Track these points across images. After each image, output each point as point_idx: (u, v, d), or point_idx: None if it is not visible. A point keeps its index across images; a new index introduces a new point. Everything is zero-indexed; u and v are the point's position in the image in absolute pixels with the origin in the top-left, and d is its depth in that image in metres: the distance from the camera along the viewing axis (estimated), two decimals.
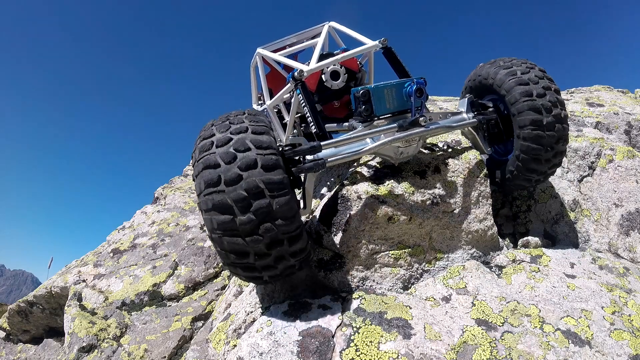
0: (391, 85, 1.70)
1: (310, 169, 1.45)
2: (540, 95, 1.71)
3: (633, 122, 2.68)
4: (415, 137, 1.67)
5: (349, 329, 1.38)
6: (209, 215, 1.23)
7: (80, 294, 2.75)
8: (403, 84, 1.71)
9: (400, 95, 1.71)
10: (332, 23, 2.30)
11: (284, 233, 1.25)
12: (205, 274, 2.82)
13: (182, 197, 4.32)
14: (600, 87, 3.64)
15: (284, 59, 2.12)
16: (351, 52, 1.96)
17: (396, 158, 1.83)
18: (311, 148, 1.47)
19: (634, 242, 1.91)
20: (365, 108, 1.67)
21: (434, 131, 1.75)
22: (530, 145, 1.73)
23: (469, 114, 1.90)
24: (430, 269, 1.74)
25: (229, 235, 1.23)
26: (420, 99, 1.69)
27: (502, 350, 1.32)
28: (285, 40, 2.37)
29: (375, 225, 1.68)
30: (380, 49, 2.00)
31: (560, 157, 1.81)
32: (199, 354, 1.75)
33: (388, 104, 1.70)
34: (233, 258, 1.29)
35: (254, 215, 1.19)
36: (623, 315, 1.48)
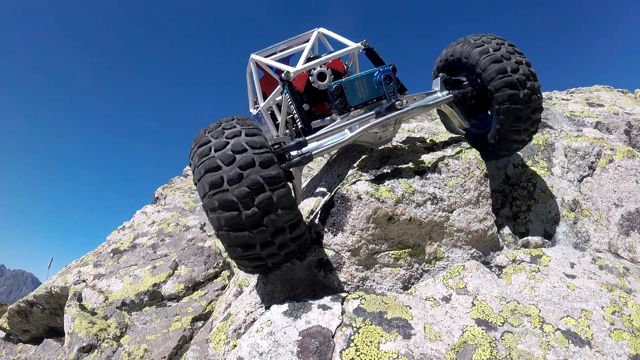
0: (361, 76, 1.80)
1: (297, 163, 1.60)
2: (515, 71, 1.79)
3: (633, 122, 2.68)
4: (391, 120, 1.79)
5: (349, 329, 1.38)
6: (215, 214, 1.31)
7: (80, 294, 2.75)
8: (372, 74, 1.81)
9: (371, 85, 1.82)
10: (321, 29, 2.42)
11: (286, 222, 1.36)
12: (205, 274, 2.82)
13: (182, 197, 4.32)
14: (600, 87, 3.64)
15: (274, 63, 2.23)
16: (335, 54, 2.07)
17: (376, 143, 2.03)
18: (297, 144, 1.62)
19: (634, 242, 1.91)
20: (340, 101, 1.80)
21: (410, 112, 1.85)
22: (510, 119, 1.83)
23: (444, 92, 1.99)
24: (430, 269, 1.74)
25: (236, 230, 1.32)
26: (391, 85, 1.80)
27: (502, 350, 1.32)
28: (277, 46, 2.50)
29: (375, 225, 1.68)
30: (362, 50, 2.10)
31: (537, 124, 1.93)
32: (199, 354, 1.75)
33: (361, 94, 1.81)
34: (240, 252, 1.39)
35: (258, 208, 1.29)
36: (623, 315, 1.48)
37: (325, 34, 2.40)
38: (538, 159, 2.31)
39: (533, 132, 1.96)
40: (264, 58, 2.33)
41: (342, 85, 1.78)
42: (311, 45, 2.24)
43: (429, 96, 1.98)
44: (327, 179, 2.51)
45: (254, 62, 2.43)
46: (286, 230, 1.37)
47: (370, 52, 2.07)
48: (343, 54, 2.07)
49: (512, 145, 1.98)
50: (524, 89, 1.79)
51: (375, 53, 2.07)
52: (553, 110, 2.86)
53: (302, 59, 2.06)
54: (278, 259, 1.47)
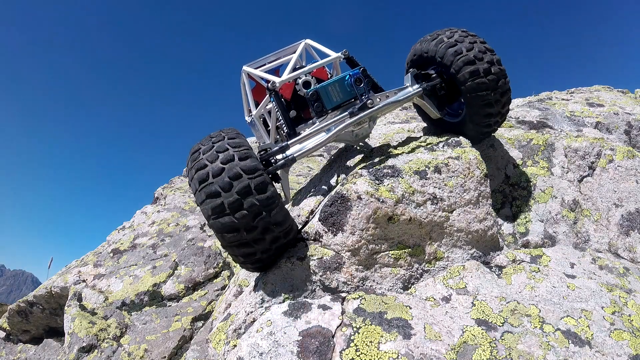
0: (334, 81, 1.97)
1: (282, 166, 1.77)
2: (469, 49, 1.90)
3: (633, 122, 2.68)
4: (365, 118, 1.93)
5: (349, 329, 1.38)
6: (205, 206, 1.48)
7: (80, 294, 2.75)
8: (344, 78, 1.98)
9: (343, 88, 1.98)
10: (308, 40, 2.55)
11: (264, 205, 1.47)
12: (205, 274, 2.82)
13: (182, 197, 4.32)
14: (600, 87, 3.64)
15: (263, 74, 2.38)
16: (318, 63, 2.20)
17: (354, 140, 2.28)
18: (280, 148, 1.79)
19: (634, 242, 1.91)
20: (317, 105, 1.96)
21: (383, 109, 1.98)
22: (477, 93, 1.89)
23: (414, 86, 2.11)
24: (430, 269, 1.74)
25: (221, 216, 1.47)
26: (362, 86, 1.97)
27: (502, 351, 1.32)
28: (267, 57, 2.66)
29: (375, 225, 1.68)
30: (343, 59, 2.23)
31: (507, 94, 1.97)
32: (199, 354, 1.75)
33: (335, 98, 1.97)
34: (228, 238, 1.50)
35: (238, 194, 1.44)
36: (623, 315, 1.48)
37: (311, 45, 2.54)
38: (538, 159, 2.31)
39: (506, 104, 2.01)
40: (254, 70, 2.50)
41: (317, 91, 1.95)
42: (297, 55, 2.40)
43: (400, 92, 2.10)
44: (327, 178, 2.51)
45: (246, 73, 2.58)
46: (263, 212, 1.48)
47: (350, 60, 2.22)
48: (325, 63, 2.22)
49: (490, 120, 2.03)
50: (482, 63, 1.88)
51: (354, 61, 2.21)
52: (553, 110, 2.86)
53: (288, 69, 2.23)
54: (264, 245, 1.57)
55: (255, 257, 1.60)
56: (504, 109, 1.99)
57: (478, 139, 2.18)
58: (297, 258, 1.66)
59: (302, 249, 1.70)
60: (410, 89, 2.10)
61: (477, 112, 1.97)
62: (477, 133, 2.10)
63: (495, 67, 1.89)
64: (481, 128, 2.05)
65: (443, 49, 1.94)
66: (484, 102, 1.91)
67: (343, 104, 1.98)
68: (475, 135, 2.12)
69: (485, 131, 2.09)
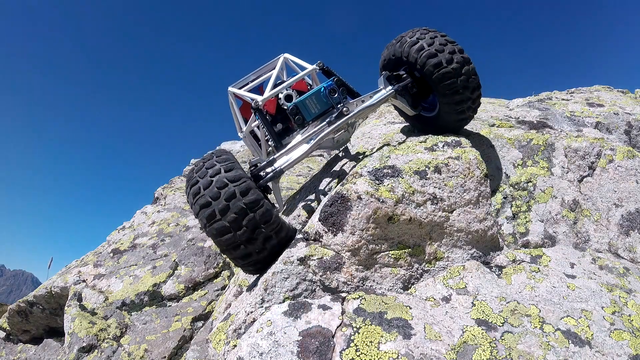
0: (310, 94, 2.09)
1: (271, 178, 1.92)
2: (430, 44, 1.99)
3: (633, 122, 2.68)
4: (343, 125, 2.05)
5: (349, 329, 1.38)
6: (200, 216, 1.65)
7: (80, 294, 2.75)
8: (320, 90, 2.10)
9: (320, 99, 2.09)
10: (286, 55, 2.67)
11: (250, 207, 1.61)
12: (205, 274, 2.82)
13: (182, 197, 4.32)
14: (600, 87, 3.64)
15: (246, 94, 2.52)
16: (296, 77, 2.33)
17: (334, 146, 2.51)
18: (268, 162, 1.95)
19: (634, 242, 1.91)
20: (298, 118, 2.09)
21: (358, 114, 2.10)
22: (445, 83, 1.97)
23: (387, 88, 2.19)
24: (430, 269, 1.74)
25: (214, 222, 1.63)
26: (336, 96, 2.09)
27: (502, 351, 1.32)
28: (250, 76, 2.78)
29: (375, 225, 1.68)
30: (319, 70, 2.35)
31: (475, 78, 2.04)
32: (199, 354, 1.75)
33: (313, 110, 2.10)
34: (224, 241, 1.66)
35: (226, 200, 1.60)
36: (623, 315, 1.48)
37: (289, 58, 2.65)
38: (538, 159, 2.31)
39: (476, 88, 2.08)
40: (239, 90, 2.63)
41: (297, 105, 2.08)
42: (277, 71, 2.51)
43: (375, 95, 2.19)
44: (327, 178, 2.51)
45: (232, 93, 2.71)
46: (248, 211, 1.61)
47: (326, 71, 2.33)
48: (303, 76, 2.34)
49: (463, 106, 2.10)
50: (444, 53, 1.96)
51: (329, 71, 2.32)
52: (553, 111, 2.86)
53: (269, 86, 2.35)
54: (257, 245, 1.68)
55: (251, 258, 1.72)
56: (474, 94, 2.06)
57: (456, 127, 2.25)
58: (297, 258, 1.66)
59: (302, 249, 1.70)
60: (384, 91, 2.19)
61: (449, 101, 2.05)
62: (453, 121, 2.18)
63: (458, 56, 1.98)
64: (456, 115, 2.13)
65: (407, 48, 2.04)
66: (452, 89, 2.00)
67: (322, 114, 2.11)
68: (452, 124, 2.19)
69: (460, 118, 2.16)
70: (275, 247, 1.74)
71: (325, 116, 2.11)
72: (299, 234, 1.78)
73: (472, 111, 2.16)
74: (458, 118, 2.15)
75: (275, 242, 1.73)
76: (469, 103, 2.08)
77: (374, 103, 2.15)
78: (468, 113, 2.14)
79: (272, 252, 1.75)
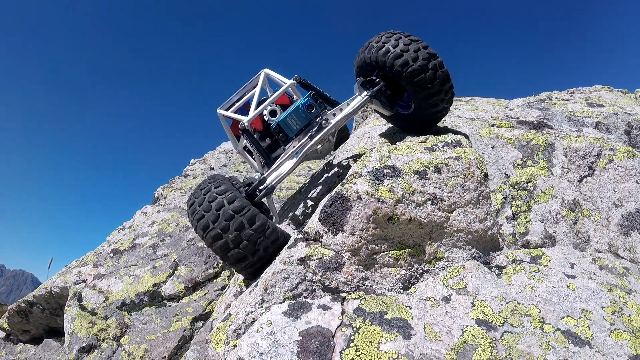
0: (290, 112, 2.19)
1: (264, 195, 2.08)
2: (395, 45, 2.06)
3: (633, 122, 2.68)
4: (325, 136, 2.18)
5: (349, 329, 1.38)
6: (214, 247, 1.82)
7: (80, 294, 2.75)
8: (298, 107, 2.19)
9: (299, 115, 2.19)
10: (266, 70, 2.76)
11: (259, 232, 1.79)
12: (205, 274, 2.82)
13: (182, 197, 4.32)
14: (600, 87, 3.64)
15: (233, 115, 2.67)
16: (275, 95, 2.42)
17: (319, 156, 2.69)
18: (260, 181, 2.11)
19: (634, 242, 1.91)
20: (281, 135, 2.21)
21: (338, 123, 2.22)
22: (414, 80, 2.04)
23: (363, 93, 2.28)
24: (430, 269, 1.74)
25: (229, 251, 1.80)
26: (314, 111, 2.19)
27: (502, 351, 1.32)
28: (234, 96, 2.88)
29: (375, 226, 1.68)
30: (297, 84, 2.44)
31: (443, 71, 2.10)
32: (199, 354, 1.75)
33: (295, 126, 2.20)
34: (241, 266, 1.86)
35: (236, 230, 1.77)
36: (623, 315, 1.48)
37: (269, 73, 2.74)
38: (538, 159, 2.31)
39: (445, 81, 2.14)
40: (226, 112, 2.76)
41: (278, 124, 2.19)
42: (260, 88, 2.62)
43: (352, 102, 2.29)
44: (327, 178, 2.52)
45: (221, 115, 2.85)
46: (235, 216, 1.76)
47: (304, 84, 2.41)
48: (282, 92, 2.44)
49: (436, 99, 2.16)
50: (408, 52, 2.03)
51: (308, 84, 2.40)
52: (553, 110, 2.86)
53: (253, 104, 2.46)
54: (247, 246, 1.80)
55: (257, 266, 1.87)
56: (445, 86, 2.13)
57: (434, 120, 2.33)
58: (297, 258, 1.66)
59: (302, 249, 1.70)
60: (359, 98, 2.29)
61: (421, 97, 2.11)
62: (429, 115, 2.24)
63: (423, 53, 2.05)
64: (431, 109, 2.19)
65: (375, 53, 2.11)
66: (422, 85, 2.06)
67: (303, 128, 2.22)
68: (428, 118, 2.27)
69: (435, 111, 2.21)
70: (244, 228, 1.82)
71: (307, 130, 2.22)
72: (299, 234, 1.78)
73: (446, 102, 2.23)
74: (433, 111, 2.22)
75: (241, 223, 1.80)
76: (442, 95, 2.15)
77: (351, 111, 2.25)
78: (442, 105, 2.21)
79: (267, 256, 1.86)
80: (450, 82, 2.18)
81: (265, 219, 1.84)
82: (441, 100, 2.18)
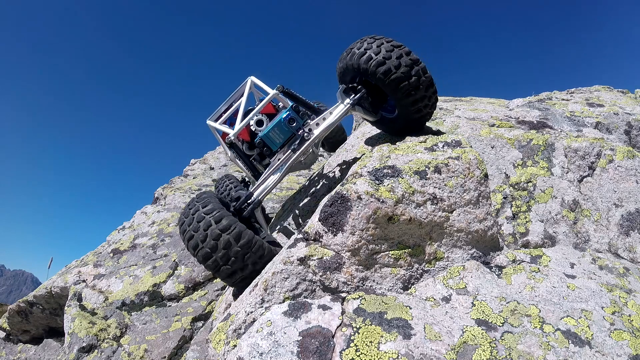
0: (272, 126, 2.23)
1: (251, 210, 2.13)
2: (377, 52, 2.01)
3: (633, 122, 2.68)
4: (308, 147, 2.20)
5: (349, 329, 1.38)
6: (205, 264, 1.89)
7: (80, 294, 2.75)
8: (280, 120, 2.23)
9: (282, 129, 2.23)
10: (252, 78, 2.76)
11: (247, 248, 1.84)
12: (205, 274, 2.82)
13: (182, 197, 4.32)
14: (600, 87, 3.64)
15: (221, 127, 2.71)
16: (260, 105, 2.42)
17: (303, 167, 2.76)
18: (246, 197, 2.14)
19: (634, 242, 1.91)
20: (266, 149, 2.27)
21: (320, 134, 2.23)
22: (397, 88, 2.02)
23: (346, 101, 2.27)
24: (430, 269, 1.74)
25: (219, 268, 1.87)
26: (295, 125, 2.23)
27: (502, 351, 1.32)
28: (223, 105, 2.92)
29: (375, 226, 1.68)
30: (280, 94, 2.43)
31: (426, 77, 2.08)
32: (199, 354, 1.75)
33: (278, 140, 2.25)
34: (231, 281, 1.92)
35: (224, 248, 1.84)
36: (623, 315, 1.48)
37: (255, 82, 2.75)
38: (538, 159, 2.31)
39: (429, 85, 2.11)
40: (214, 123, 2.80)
41: (262, 139, 2.24)
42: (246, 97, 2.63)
43: (335, 110, 2.28)
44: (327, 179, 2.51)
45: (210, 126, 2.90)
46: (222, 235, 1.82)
47: (286, 93, 2.41)
48: (267, 102, 2.43)
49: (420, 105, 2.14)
50: (391, 59, 2.00)
51: (291, 93, 2.40)
52: (553, 111, 2.86)
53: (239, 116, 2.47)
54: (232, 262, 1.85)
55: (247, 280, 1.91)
56: (428, 91, 2.11)
57: (418, 124, 2.31)
58: (297, 258, 1.66)
59: (302, 249, 1.70)
60: (342, 106, 2.27)
61: (404, 103, 2.10)
62: (413, 120, 2.22)
63: (405, 59, 2.01)
64: (415, 114, 2.18)
65: (357, 60, 2.07)
66: (405, 92, 2.04)
67: (287, 141, 2.26)
68: (413, 122, 2.24)
69: (419, 116, 2.20)
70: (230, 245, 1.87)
71: (290, 143, 2.24)
72: (299, 234, 1.78)
73: (429, 108, 2.21)
74: (417, 116, 2.20)
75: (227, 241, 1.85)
76: (425, 101, 2.14)
77: (333, 121, 2.25)
78: (426, 110, 2.20)
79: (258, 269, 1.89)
80: (433, 88, 2.15)
81: (252, 235, 1.88)
82: (425, 105, 2.17)
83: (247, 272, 1.87)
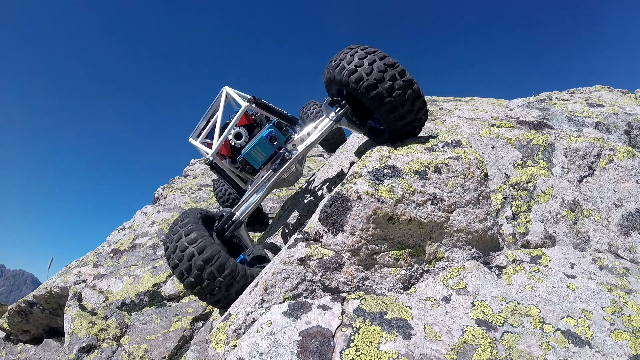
0: (254, 145, 2.21)
1: (232, 231, 2.13)
2: (369, 73, 1.88)
3: (633, 122, 2.68)
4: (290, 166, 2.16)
5: (349, 329, 1.38)
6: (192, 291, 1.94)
7: (80, 294, 2.75)
8: (261, 138, 2.21)
9: (264, 147, 2.21)
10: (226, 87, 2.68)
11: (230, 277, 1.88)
12: None
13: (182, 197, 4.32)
14: (600, 87, 3.64)
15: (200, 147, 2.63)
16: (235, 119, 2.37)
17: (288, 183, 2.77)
18: (228, 217, 2.14)
19: (634, 242, 1.91)
20: (248, 168, 2.26)
21: (302, 152, 2.18)
22: (381, 103, 1.90)
23: (331, 115, 2.21)
24: (430, 269, 1.74)
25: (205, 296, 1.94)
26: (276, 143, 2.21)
27: (502, 351, 1.32)
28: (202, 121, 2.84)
29: (375, 226, 1.68)
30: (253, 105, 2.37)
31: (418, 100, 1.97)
32: (199, 354, 1.75)
33: (259, 158, 2.22)
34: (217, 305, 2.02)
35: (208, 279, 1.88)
36: (623, 315, 1.48)
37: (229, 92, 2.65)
38: (538, 159, 2.31)
39: (415, 98, 1.97)
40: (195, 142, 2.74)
41: (244, 157, 2.23)
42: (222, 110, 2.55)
43: (319, 124, 2.21)
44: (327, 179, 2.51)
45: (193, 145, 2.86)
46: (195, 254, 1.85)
47: (259, 104, 2.34)
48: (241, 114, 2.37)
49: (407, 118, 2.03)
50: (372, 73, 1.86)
51: (263, 103, 2.35)
52: (553, 111, 2.86)
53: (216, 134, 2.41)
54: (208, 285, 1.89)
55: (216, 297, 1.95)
56: (419, 114, 2.03)
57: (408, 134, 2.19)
58: (297, 258, 1.66)
59: (302, 249, 1.70)
60: (327, 120, 2.20)
61: (394, 125, 2.03)
62: (402, 133, 2.13)
63: (399, 82, 1.88)
64: (401, 130, 2.09)
65: (346, 78, 1.93)
66: (396, 116, 1.96)
67: (269, 159, 2.23)
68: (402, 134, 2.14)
69: (408, 129, 2.10)
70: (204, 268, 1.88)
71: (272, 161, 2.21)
72: (299, 234, 1.78)
73: (417, 122, 2.10)
74: (406, 130, 2.10)
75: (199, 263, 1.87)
76: (415, 123, 2.07)
77: (317, 137, 2.19)
78: (413, 124, 2.09)
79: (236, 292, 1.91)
80: (425, 109, 2.03)
81: (235, 265, 1.90)
82: (413, 119, 2.02)
83: (232, 298, 1.88)
